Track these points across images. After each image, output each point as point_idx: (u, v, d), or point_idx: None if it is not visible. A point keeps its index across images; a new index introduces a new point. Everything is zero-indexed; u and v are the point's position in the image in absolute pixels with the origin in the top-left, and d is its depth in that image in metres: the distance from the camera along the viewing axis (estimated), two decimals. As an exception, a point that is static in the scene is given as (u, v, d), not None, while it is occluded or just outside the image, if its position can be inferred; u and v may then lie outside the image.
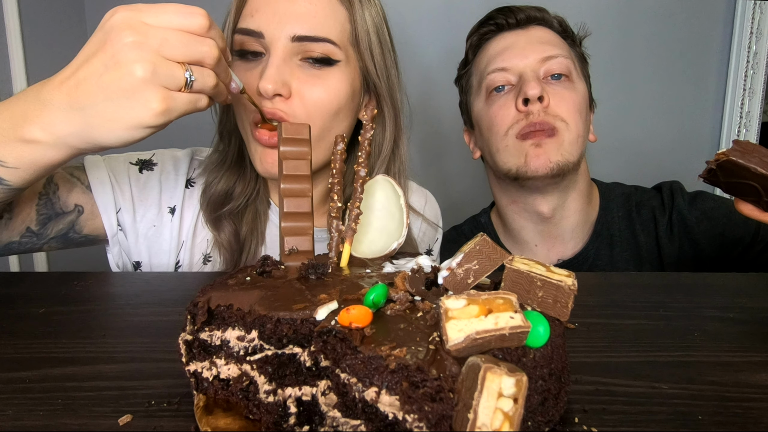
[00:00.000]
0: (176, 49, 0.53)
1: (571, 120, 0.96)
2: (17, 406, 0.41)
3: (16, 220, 0.73)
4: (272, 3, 0.73)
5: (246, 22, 0.74)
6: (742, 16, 1.62)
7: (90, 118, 0.54)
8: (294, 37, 0.72)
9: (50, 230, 0.77)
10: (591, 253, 1.05)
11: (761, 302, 0.64)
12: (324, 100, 0.75)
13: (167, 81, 0.53)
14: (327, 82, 0.75)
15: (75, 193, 0.79)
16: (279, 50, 0.73)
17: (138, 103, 0.53)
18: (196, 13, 0.54)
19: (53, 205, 0.77)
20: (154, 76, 0.52)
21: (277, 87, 0.71)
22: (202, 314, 0.40)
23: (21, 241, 0.75)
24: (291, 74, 0.73)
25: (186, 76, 0.54)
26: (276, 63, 0.72)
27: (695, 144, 1.72)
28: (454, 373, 0.30)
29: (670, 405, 0.41)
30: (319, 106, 0.75)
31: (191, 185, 0.87)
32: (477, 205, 1.26)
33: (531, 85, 0.93)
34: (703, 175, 0.58)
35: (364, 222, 0.52)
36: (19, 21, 1.39)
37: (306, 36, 0.73)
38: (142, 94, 0.52)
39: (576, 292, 0.37)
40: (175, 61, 0.53)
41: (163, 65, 0.52)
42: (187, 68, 0.54)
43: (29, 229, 0.75)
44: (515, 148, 0.96)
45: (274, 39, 0.73)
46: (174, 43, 0.53)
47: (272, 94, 0.71)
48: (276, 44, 0.73)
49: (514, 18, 1.01)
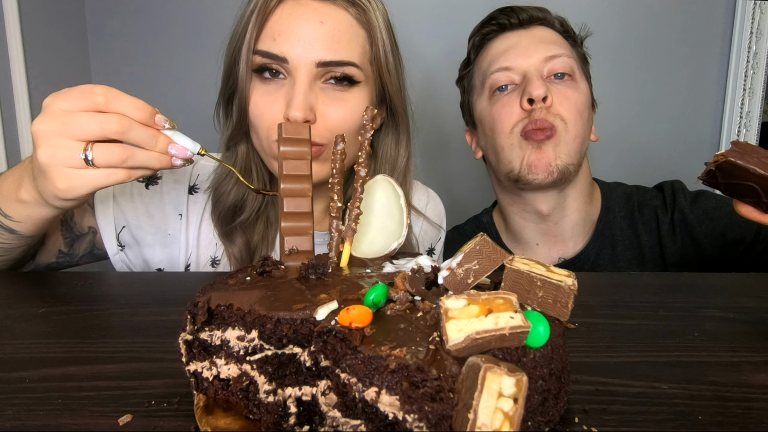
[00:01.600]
0: (76, 129, 0.58)
1: (571, 120, 0.96)
2: (17, 406, 0.41)
3: (49, 244, 0.84)
4: (296, 28, 0.75)
5: (268, 45, 0.76)
6: (742, 16, 1.62)
7: (39, 188, 0.63)
8: (319, 63, 0.74)
9: (77, 249, 0.87)
10: (593, 252, 1.05)
11: (761, 302, 0.64)
12: (347, 121, 0.78)
13: (67, 161, 0.58)
14: (349, 103, 0.78)
15: (87, 217, 0.86)
16: (304, 76, 0.75)
17: (48, 182, 0.60)
18: (96, 92, 0.59)
19: (72, 229, 0.85)
20: (53, 158, 0.58)
21: (306, 114, 0.73)
22: (203, 314, 0.40)
23: (57, 261, 0.86)
24: (316, 99, 0.76)
25: (81, 157, 0.58)
26: (302, 90, 0.74)
27: (695, 144, 1.72)
28: (454, 373, 0.30)
29: (670, 405, 0.41)
30: (342, 127, 0.77)
31: (194, 192, 0.89)
32: (478, 205, 1.26)
33: (536, 84, 0.93)
34: (702, 177, 0.58)
35: (364, 222, 0.52)
36: (19, 21, 1.39)
37: (331, 61, 0.75)
38: (48, 174, 0.59)
39: (576, 292, 0.37)
40: (78, 140, 0.58)
41: (61, 147, 0.58)
42: (88, 146, 0.58)
43: (61, 251, 0.85)
44: (519, 146, 0.97)
45: (299, 65, 0.74)
46: (72, 125, 0.58)
47: (302, 121, 0.73)
48: (301, 70, 0.75)
49: (517, 18, 1.01)
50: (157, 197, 0.87)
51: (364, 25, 0.79)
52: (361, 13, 0.78)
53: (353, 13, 0.78)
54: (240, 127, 0.82)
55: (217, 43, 0.86)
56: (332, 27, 0.75)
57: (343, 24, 0.77)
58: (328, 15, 0.76)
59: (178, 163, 0.65)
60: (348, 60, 0.76)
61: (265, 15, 0.76)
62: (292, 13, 0.75)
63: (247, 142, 0.85)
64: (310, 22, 0.75)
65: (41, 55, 1.49)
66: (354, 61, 0.77)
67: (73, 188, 0.60)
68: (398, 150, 0.88)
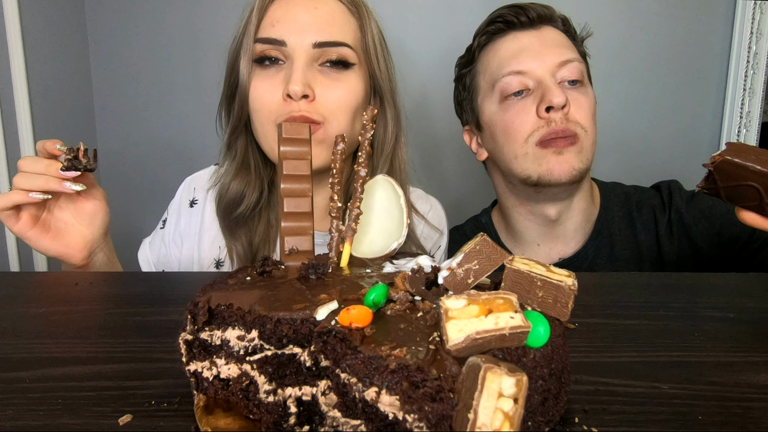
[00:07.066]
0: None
1: (589, 126, 0.96)
2: (17, 406, 0.41)
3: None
4: (292, 13, 0.81)
5: (267, 32, 0.82)
6: (742, 16, 1.62)
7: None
8: (315, 44, 0.81)
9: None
10: (591, 252, 1.05)
11: (761, 302, 0.64)
12: (344, 100, 0.83)
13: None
14: (346, 84, 0.83)
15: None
16: (302, 57, 0.81)
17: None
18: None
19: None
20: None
21: (304, 89, 0.79)
22: (203, 314, 0.40)
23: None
24: (314, 79, 0.81)
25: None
26: (301, 68, 0.80)
27: (695, 144, 1.72)
28: (454, 373, 0.30)
29: (670, 405, 0.41)
30: (340, 106, 0.82)
31: (194, 204, 0.97)
32: (477, 206, 1.26)
33: (556, 93, 0.92)
34: (702, 185, 0.57)
35: (364, 222, 0.52)
36: (19, 21, 1.39)
37: (326, 42, 0.81)
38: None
39: (576, 292, 0.37)
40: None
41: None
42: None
43: None
44: (535, 156, 0.95)
45: (296, 47, 0.81)
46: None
47: (300, 96, 0.79)
48: (299, 51, 0.81)
49: (526, 16, 0.99)
50: (173, 226, 0.98)
51: (354, 14, 0.86)
52: (351, 3, 0.86)
53: (344, 2, 0.85)
54: (240, 118, 0.86)
55: (217, 44, 0.88)
56: (326, 12, 0.82)
57: (336, 10, 0.84)
58: (322, 2, 0.83)
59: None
60: (342, 41, 0.82)
61: (264, 8, 0.83)
62: (288, 3, 0.82)
63: (246, 137, 0.89)
64: (306, 8, 0.81)
65: (41, 55, 1.49)
66: (348, 42, 0.83)
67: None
68: (386, 135, 0.91)
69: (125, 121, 1.73)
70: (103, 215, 0.84)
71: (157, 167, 1.74)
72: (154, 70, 1.70)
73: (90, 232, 0.83)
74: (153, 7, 1.66)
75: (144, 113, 1.72)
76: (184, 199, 0.97)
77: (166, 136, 1.73)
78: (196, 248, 0.93)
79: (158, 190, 1.61)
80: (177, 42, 1.68)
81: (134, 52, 1.69)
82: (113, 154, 1.71)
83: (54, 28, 1.54)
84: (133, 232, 1.25)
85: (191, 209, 0.96)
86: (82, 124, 1.69)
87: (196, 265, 0.93)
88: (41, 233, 0.79)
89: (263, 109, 0.82)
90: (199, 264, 0.92)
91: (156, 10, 1.67)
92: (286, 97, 0.79)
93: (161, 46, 1.68)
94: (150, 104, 1.72)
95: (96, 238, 0.84)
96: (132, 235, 1.17)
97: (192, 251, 0.93)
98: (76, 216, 0.83)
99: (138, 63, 1.69)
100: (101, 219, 0.84)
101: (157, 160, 1.74)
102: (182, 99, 1.70)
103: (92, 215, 0.83)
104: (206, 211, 0.94)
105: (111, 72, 1.70)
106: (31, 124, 1.43)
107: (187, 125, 1.70)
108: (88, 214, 0.83)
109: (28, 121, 1.43)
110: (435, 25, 1.64)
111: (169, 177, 1.19)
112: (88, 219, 0.83)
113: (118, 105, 1.72)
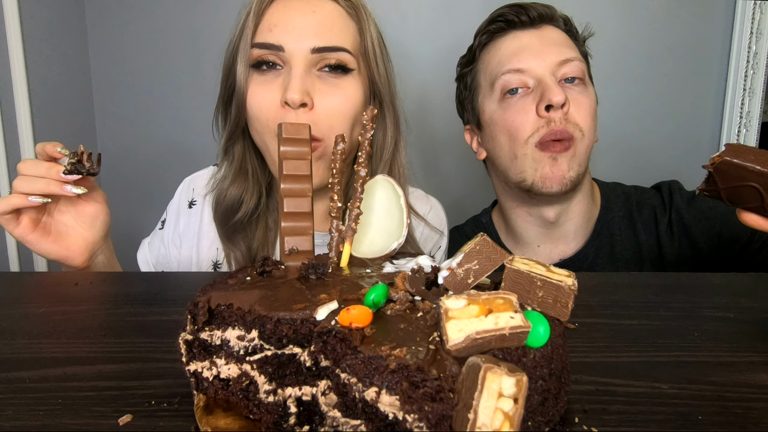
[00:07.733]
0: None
1: (587, 128, 0.96)
2: (17, 406, 0.41)
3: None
4: (290, 18, 0.79)
5: (264, 37, 0.80)
6: (742, 16, 1.62)
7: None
8: (314, 49, 0.78)
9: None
10: (591, 252, 1.05)
11: (761, 302, 0.64)
12: (343, 108, 0.81)
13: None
14: (344, 90, 0.81)
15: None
16: (300, 62, 0.78)
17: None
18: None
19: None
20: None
21: (302, 97, 0.77)
22: (203, 314, 0.40)
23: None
24: (312, 86, 0.79)
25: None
26: (299, 74, 0.78)
27: (695, 144, 1.72)
28: (454, 373, 0.30)
29: (670, 405, 0.41)
30: (338, 114, 0.80)
31: (193, 205, 0.96)
32: (477, 206, 1.26)
33: (555, 91, 0.92)
34: (702, 187, 0.57)
35: (364, 222, 0.52)
36: (19, 21, 1.39)
37: (324, 47, 0.79)
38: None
39: (576, 292, 0.37)
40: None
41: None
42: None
43: None
44: (533, 158, 0.95)
45: (294, 52, 0.78)
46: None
47: (299, 104, 0.77)
48: (297, 57, 0.78)
49: (527, 15, 0.99)
50: (173, 227, 0.98)
51: (353, 17, 0.84)
52: (350, 6, 0.84)
53: (343, 5, 0.83)
54: (238, 123, 0.85)
55: (217, 45, 0.88)
56: (324, 16, 0.80)
57: (335, 14, 0.81)
58: (320, 6, 0.81)
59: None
60: (341, 46, 0.80)
61: (261, 12, 0.81)
62: (286, 6, 0.80)
63: (243, 142, 0.88)
64: (303, 12, 0.79)
65: (41, 55, 1.49)
66: (346, 47, 0.80)
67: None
68: (385, 140, 0.90)
69: (125, 121, 1.73)
70: (104, 217, 0.84)
71: (157, 168, 1.74)
72: (154, 71, 1.70)
73: (91, 234, 0.83)
74: (153, 8, 1.66)
75: (144, 114, 1.72)
76: (183, 200, 0.97)
77: (165, 137, 1.73)
78: (195, 249, 0.93)
79: (158, 191, 1.61)
80: (177, 43, 1.68)
81: (134, 52, 1.69)
82: (113, 155, 1.71)
83: (54, 28, 1.54)
84: (132, 233, 1.25)
85: (190, 210, 0.96)
86: (82, 125, 1.69)
87: (194, 266, 0.93)
88: (42, 237, 0.79)
89: (261, 116, 0.81)
90: (197, 265, 0.92)
91: (156, 10, 1.66)
92: (284, 105, 0.78)
93: (161, 46, 1.68)
94: (150, 105, 1.72)
95: (97, 241, 0.84)
96: (132, 236, 1.17)
97: (191, 252, 0.93)
98: (76, 219, 0.82)
99: (138, 64, 1.69)
100: (102, 221, 0.84)
101: (157, 161, 1.74)
102: (182, 100, 1.70)
103: (93, 218, 0.83)
104: (205, 212, 0.94)
105: (111, 73, 1.70)
106: (30, 124, 1.43)
107: (187, 126, 1.70)
108: (89, 216, 0.83)
109: (27, 122, 1.43)
110: (435, 25, 1.64)
111: (169, 178, 1.19)
112: (88, 221, 0.83)
113: (118, 106, 1.72)
